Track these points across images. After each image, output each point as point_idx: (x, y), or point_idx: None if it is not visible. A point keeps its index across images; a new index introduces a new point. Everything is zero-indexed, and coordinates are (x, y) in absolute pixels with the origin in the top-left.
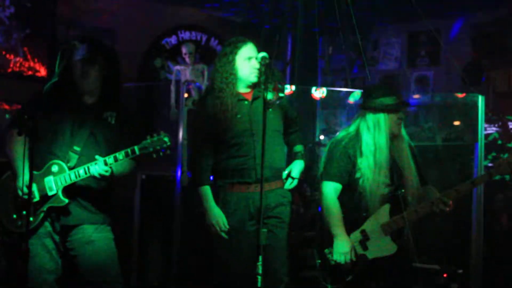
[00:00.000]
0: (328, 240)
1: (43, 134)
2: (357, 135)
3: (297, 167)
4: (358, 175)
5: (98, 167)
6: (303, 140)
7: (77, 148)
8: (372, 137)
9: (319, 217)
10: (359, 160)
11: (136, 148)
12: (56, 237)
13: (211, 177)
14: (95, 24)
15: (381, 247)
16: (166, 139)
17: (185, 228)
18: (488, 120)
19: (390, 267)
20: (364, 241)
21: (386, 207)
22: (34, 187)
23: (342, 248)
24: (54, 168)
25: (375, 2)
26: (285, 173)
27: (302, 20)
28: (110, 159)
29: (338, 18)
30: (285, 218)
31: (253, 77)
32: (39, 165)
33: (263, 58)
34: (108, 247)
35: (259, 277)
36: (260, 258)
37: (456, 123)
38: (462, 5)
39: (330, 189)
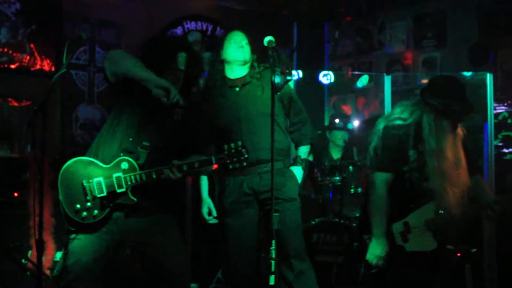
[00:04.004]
0: (368, 226)
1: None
2: (416, 128)
3: (291, 182)
4: (406, 168)
5: (173, 173)
6: (308, 138)
7: (146, 144)
8: (435, 139)
9: (364, 203)
10: (411, 152)
11: (213, 158)
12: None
13: None
14: (100, 18)
15: (421, 242)
16: (243, 150)
17: None
18: (497, 99)
19: (427, 263)
20: (405, 233)
21: (434, 204)
22: (102, 182)
23: (376, 251)
24: (124, 165)
25: None
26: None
27: (308, 5)
28: (185, 166)
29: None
30: (283, 196)
31: (238, 55)
32: (106, 158)
33: (269, 41)
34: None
35: (273, 262)
36: (273, 242)
37: None
38: None
39: (382, 181)
